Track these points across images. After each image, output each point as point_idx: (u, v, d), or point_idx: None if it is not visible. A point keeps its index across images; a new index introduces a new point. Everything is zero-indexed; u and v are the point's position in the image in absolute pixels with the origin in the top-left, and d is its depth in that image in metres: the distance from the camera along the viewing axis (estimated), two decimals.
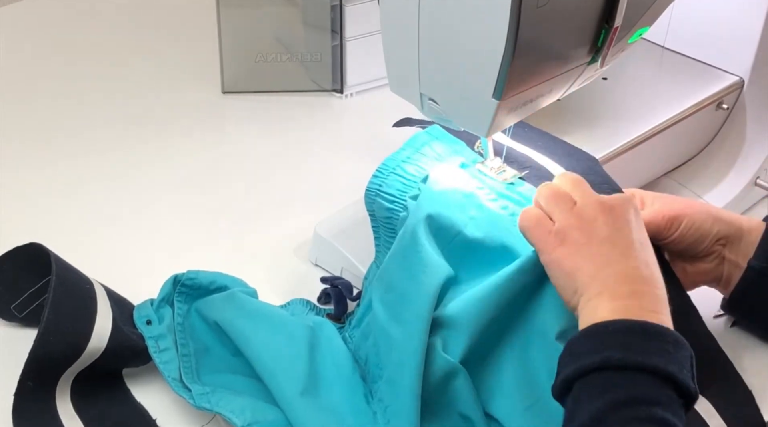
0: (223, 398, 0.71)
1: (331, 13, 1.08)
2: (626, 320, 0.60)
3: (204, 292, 0.80)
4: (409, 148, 0.82)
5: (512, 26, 0.61)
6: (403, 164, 0.81)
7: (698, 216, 0.74)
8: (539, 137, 0.83)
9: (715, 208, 0.77)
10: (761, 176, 0.96)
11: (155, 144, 1.05)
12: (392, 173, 0.80)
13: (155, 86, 1.16)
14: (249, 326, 0.75)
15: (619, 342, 0.59)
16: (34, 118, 1.10)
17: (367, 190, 0.80)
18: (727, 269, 0.76)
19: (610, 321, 0.61)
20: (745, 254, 0.75)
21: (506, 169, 0.79)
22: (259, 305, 0.79)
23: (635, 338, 0.59)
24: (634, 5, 0.69)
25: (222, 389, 0.73)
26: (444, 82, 0.69)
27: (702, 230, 0.74)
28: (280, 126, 1.09)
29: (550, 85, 0.70)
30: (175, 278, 0.79)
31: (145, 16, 1.34)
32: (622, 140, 0.87)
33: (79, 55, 1.23)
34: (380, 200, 0.80)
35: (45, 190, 0.97)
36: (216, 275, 0.80)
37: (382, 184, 0.80)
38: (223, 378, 0.75)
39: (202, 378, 0.74)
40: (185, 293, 0.79)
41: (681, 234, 0.74)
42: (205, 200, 0.97)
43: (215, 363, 0.76)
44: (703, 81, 0.95)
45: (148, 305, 0.78)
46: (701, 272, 0.77)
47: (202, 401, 0.71)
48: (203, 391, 0.72)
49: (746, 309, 0.77)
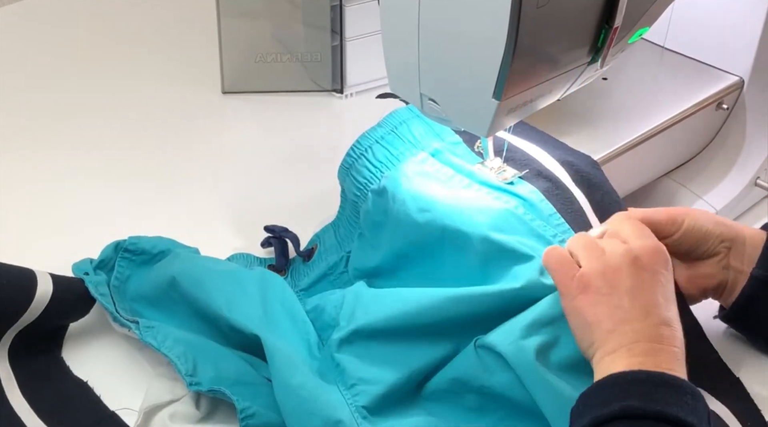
0: (170, 337, 0.72)
1: (331, 13, 1.08)
2: (645, 371, 0.60)
3: (147, 256, 0.81)
4: (386, 125, 0.83)
5: (512, 26, 0.61)
6: (376, 145, 0.81)
7: (700, 216, 0.74)
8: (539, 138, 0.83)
9: (714, 215, 0.77)
10: (761, 176, 0.96)
11: (155, 144, 1.05)
12: (363, 155, 0.82)
13: (155, 86, 1.16)
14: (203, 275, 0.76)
15: (639, 392, 0.59)
16: (34, 118, 1.10)
17: (340, 168, 0.83)
18: (732, 276, 0.75)
19: (628, 371, 0.60)
20: (749, 260, 0.74)
21: (506, 169, 0.79)
22: (208, 258, 0.81)
23: (654, 388, 0.59)
24: (634, 5, 0.69)
25: (170, 328, 0.73)
26: (444, 82, 0.69)
27: (704, 229, 0.74)
28: (280, 126, 1.09)
29: (550, 85, 0.70)
30: (117, 244, 0.81)
31: (145, 16, 1.34)
32: (622, 140, 0.87)
33: (79, 56, 1.23)
34: (349, 182, 0.82)
35: (46, 189, 0.97)
36: (157, 240, 0.82)
37: (353, 164, 0.82)
38: None
39: None
40: (128, 258, 0.81)
41: (684, 233, 0.73)
42: (205, 200, 0.97)
43: None
44: (703, 81, 0.95)
45: (87, 261, 0.79)
46: (707, 276, 0.75)
47: (147, 336, 0.72)
48: (150, 325, 0.73)
49: (747, 319, 0.75)
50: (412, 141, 0.81)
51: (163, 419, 0.69)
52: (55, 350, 0.75)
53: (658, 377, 0.60)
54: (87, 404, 0.71)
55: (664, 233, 0.73)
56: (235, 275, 0.77)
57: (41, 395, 0.71)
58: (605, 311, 0.64)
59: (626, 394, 0.59)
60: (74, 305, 0.76)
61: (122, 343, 0.77)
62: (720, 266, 0.75)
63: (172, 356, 0.70)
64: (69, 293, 0.75)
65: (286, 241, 0.84)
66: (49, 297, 0.72)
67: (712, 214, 0.77)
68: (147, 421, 0.69)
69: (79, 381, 0.73)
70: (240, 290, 0.75)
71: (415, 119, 0.82)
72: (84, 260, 0.80)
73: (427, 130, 0.82)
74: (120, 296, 0.78)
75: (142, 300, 0.78)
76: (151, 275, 0.79)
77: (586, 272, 0.66)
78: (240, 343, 0.74)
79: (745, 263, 0.74)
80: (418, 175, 0.78)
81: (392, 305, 0.72)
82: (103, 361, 0.76)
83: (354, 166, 0.82)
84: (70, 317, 0.77)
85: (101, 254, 0.80)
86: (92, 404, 0.71)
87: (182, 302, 0.77)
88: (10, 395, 0.71)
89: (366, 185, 0.81)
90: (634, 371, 0.60)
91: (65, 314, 0.76)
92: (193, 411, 0.70)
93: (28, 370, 0.73)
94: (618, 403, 0.58)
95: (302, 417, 0.66)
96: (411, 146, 0.81)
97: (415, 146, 0.81)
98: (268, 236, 0.86)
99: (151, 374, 0.74)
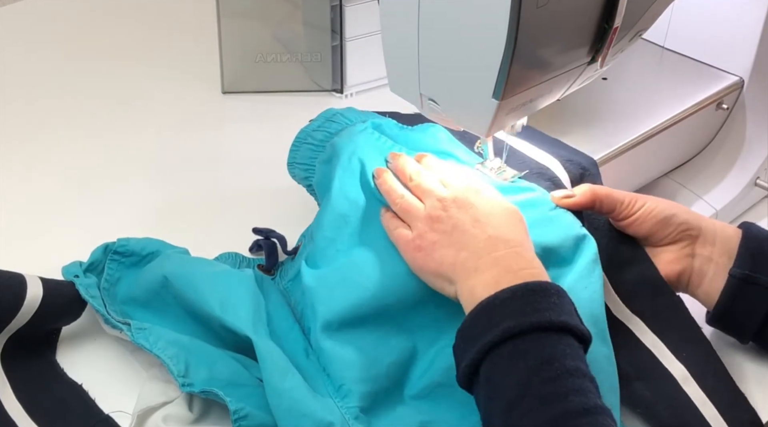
0: (162, 339, 0.71)
1: (331, 13, 1.08)
2: (507, 289, 0.62)
3: (137, 258, 0.81)
4: (319, 118, 0.86)
5: (512, 26, 0.61)
6: (313, 133, 0.84)
7: (663, 203, 0.76)
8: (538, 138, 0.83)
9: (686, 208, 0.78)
10: (761, 176, 0.96)
11: (155, 144, 1.05)
12: (303, 144, 0.85)
13: (155, 86, 1.16)
14: (195, 276, 0.76)
15: (510, 311, 0.61)
16: (34, 117, 1.10)
17: (288, 165, 0.86)
18: (698, 264, 0.75)
19: (493, 295, 0.63)
20: (720, 250, 0.75)
21: (506, 170, 0.79)
22: (198, 259, 0.82)
23: (522, 301, 0.61)
24: (634, 5, 0.69)
25: (162, 329, 0.73)
26: (444, 82, 0.69)
27: (665, 214, 0.75)
28: (280, 126, 1.09)
29: (550, 85, 0.70)
30: (107, 247, 0.80)
31: (145, 16, 1.34)
32: (622, 140, 0.87)
33: (78, 55, 1.23)
34: (296, 171, 0.86)
35: (45, 189, 0.97)
36: (147, 241, 0.82)
37: (296, 156, 0.85)
38: None
39: None
40: (117, 260, 0.80)
41: (642, 214, 0.75)
42: (205, 200, 0.97)
43: None
44: (703, 81, 0.95)
45: (77, 264, 0.79)
46: (669, 261, 0.76)
47: (139, 337, 0.71)
48: (142, 326, 0.73)
49: (731, 320, 0.76)
50: (349, 122, 0.84)
51: (157, 421, 0.69)
52: (49, 354, 0.75)
53: (521, 290, 0.62)
54: (81, 407, 0.71)
55: (623, 212, 0.76)
56: (227, 277, 0.77)
57: (35, 398, 0.71)
58: (443, 252, 0.68)
59: (499, 318, 0.61)
60: (66, 308, 0.76)
61: (115, 345, 0.77)
62: (683, 253, 0.76)
63: (165, 358, 0.70)
64: (60, 296, 0.75)
65: (275, 241, 0.85)
66: (39, 301, 0.72)
67: (681, 205, 0.78)
68: (141, 423, 0.69)
69: (73, 384, 0.73)
70: (232, 293, 0.75)
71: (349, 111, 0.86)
72: (74, 263, 0.79)
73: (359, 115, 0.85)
74: (111, 299, 0.78)
75: (132, 302, 0.78)
76: (142, 277, 0.79)
77: (417, 234, 0.71)
78: (233, 343, 0.74)
79: (715, 252, 0.75)
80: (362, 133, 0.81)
81: (355, 289, 0.72)
82: (97, 364, 0.76)
83: (297, 155, 0.85)
84: (62, 320, 0.76)
85: (90, 257, 0.80)
86: (87, 407, 0.71)
87: (174, 304, 0.77)
88: (5, 399, 0.70)
89: (311, 162, 0.84)
90: (498, 293, 0.62)
91: (57, 318, 0.76)
92: (186, 413, 0.69)
93: (21, 374, 0.72)
94: (496, 328, 0.60)
95: (294, 420, 0.66)
96: (349, 124, 0.84)
97: (353, 123, 0.84)
98: (257, 239, 0.86)
99: (144, 377, 0.74)
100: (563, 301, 0.62)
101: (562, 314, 0.61)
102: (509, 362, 0.59)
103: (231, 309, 0.73)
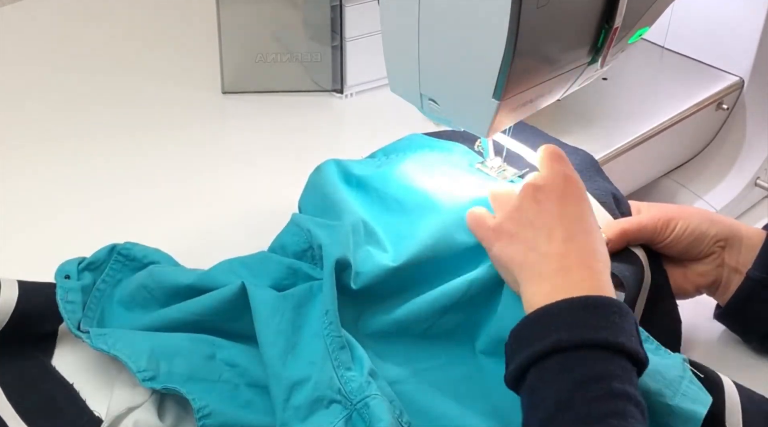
0: (121, 340, 0.71)
1: (331, 13, 1.08)
2: (568, 299, 0.61)
3: (138, 264, 0.81)
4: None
5: (512, 26, 0.61)
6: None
7: (693, 218, 0.74)
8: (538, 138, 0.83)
9: (712, 213, 0.77)
10: (761, 176, 0.96)
11: (155, 144, 1.05)
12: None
13: (155, 86, 1.16)
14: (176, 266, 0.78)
15: (565, 323, 0.60)
16: (34, 118, 1.10)
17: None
18: (726, 274, 0.75)
19: (552, 304, 0.61)
20: (745, 260, 0.74)
21: (506, 169, 0.79)
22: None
23: (580, 315, 0.60)
24: (634, 5, 0.69)
25: (122, 331, 0.73)
26: (444, 82, 0.69)
27: (698, 231, 0.74)
28: (280, 126, 1.09)
29: (550, 85, 0.70)
30: (113, 247, 0.81)
31: (145, 16, 1.34)
32: (622, 140, 0.87)
33: (78, 56, 1.23)
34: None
35: (44, 192, 0.97)
36: (152, 251, 0.82)
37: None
38: None
39: None
40: (122, 261, 0.80)
41: (676, 236, 0.74)
42: (204, 200, 0.97)
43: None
44: (703, 81, 0.95)
45: (74, 262, 0.79)
46: (701, 274, 0.76)
47: (98, 342, 0.71)
48: (101, 332, 0.72)
49: (741, 318, 0.76)
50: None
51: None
52: (40, 354, 0.75)
53: (580, 303, 0.61)
54: (72, 407, 0.71)
55: (658, 238, 0.74)
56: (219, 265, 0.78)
57: (25, 397, 0.71)
58: (517, 249, 0.67)
59: (554, 327, 0.60)
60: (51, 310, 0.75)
61: None
62: (714, 265, 0.75)
63: (123, 357, 0.69)
64: (39, 298, 0.74)
65: None
66: (13, 305, 0.72)
67: (708, 212, 0.77)
68: None
69: (64, 383, 0.73)
70: (216, 267, 0.77)
71: None
72: (72, 260, 0.79)
73: None
74: (107, 299, 0.78)
75: (121, 305, 0.78)
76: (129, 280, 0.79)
77: (498, 220, 0.70)
78: (210, 324, 0.74)
79: (740, 262, 0.74)
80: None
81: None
82: (91, 364, 0.75)
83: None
84: (48, 321, 0.76)
85: (94, 255, 0.80)
86: (78, 408, 0.71)
87: (153, 300, 0.77)
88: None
89: None
90: (558, 302, 0.61)
91: (39, 319, 0.75)
92: (154, 419, 0.68)
93: (11, 373, 0.72)
94: (548, 338, 0.59)
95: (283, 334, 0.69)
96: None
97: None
98: None
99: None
100: (624, 320, 0.60)
101: (620, 334, 0.59)
102: (555, 375, 0.58)
103: (213, 276, 0.75)
